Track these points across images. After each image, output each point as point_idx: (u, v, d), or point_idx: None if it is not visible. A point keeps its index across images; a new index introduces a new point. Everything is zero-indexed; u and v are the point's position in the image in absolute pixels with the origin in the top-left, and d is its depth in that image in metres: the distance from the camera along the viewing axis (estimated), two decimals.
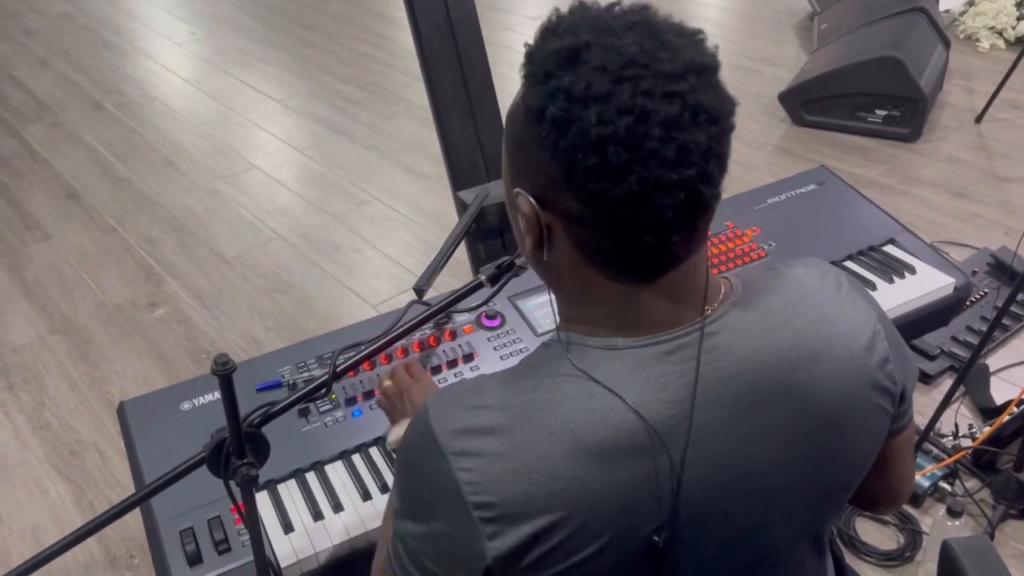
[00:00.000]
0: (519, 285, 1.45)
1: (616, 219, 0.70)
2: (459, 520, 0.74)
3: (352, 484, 1.21)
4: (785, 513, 0.81)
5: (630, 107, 0.67)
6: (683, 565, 0.78)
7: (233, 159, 3.70)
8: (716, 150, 0.70)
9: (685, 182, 0.69)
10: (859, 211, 1.75)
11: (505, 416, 0.74)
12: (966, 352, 2.25)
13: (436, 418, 0.76)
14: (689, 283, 0.76)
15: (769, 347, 0.77)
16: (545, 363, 0.78)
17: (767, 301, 0.80)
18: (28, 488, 2.12)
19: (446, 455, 0.74)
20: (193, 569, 1.09)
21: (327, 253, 3.01)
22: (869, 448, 0.84)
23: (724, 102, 0.72)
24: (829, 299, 0.81)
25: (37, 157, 3.74)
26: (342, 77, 4.46)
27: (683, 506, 0.75)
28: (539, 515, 0.72)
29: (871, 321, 0.82)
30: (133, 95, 4.35)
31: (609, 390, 0.73)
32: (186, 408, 1.29)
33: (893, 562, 1.82)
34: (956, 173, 3.31)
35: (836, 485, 0.83)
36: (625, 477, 0.72)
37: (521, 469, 0.72)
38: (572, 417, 0.72)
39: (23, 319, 2.72)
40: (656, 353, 0.75)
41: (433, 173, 3.45)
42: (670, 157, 0.68)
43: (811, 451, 0.78)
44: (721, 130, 0.71)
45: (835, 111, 3.59)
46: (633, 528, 0.74)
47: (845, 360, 0.78)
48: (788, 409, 0.76)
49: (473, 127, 1.61)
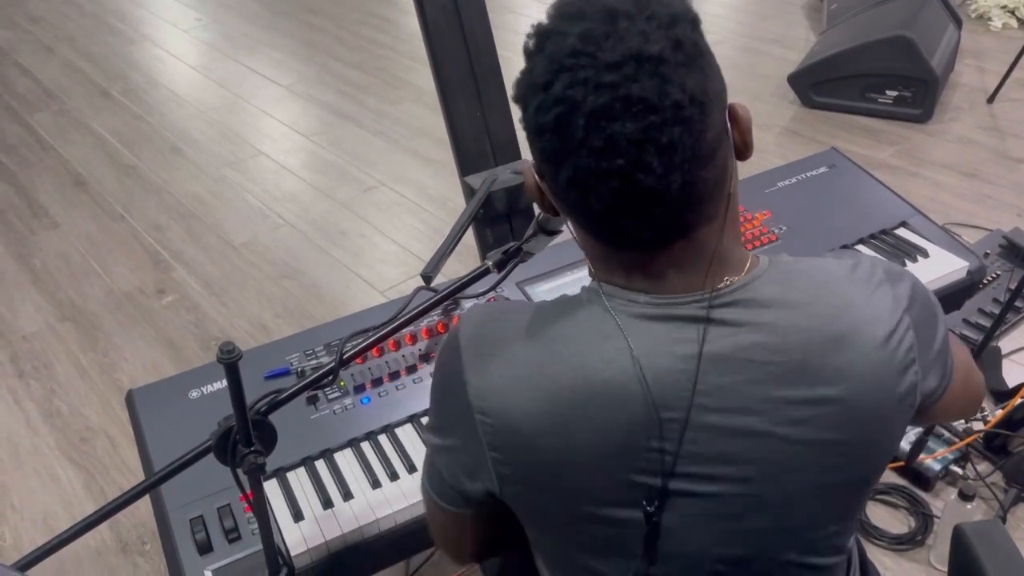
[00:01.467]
0: (527, 271, 1.45)
1: (571, 200, 0.74)
2: (466, 426, 0.79)
3: (361, 472, 1.21)
4: (792, 497, 0.79)
5: (562, 98, 0.70)
6: (679, 530, 0.79)
7: (240, 145, 3.69)
8: (656, 140, 0.68)
9: (615, 171, 0.70)
10: (871, 194, 1.73)
11: (524, 335, 0.78)
12: (978, 335, 2.23)
13: (464, 325, 0.82)
14: (694, 259, 0.77)
15: (784, 324, 0.76)
16: (573, 299, 0.81)
17: (790, 281, 0.79)
18: (39, 475, 2.13)
19: (463, 357, 0.80)
20: (203, 557, 1.09)
21: (334, 239, 3.01)
22: (890, 439, 0.83)
23: (671, 90, 0.68)
24: (856, 287, 0.80)
25: (44, 145, 3.74)
26: (348, 62, 4.44)
27: (676, 477, 0.76)
28: (536, 434, 0.76)
29: (898, 310, 0.80)
30: (139, 82, 4.34)
31: (624, 337, 0.75)
32: (194, 396, 1.29)
33: (904, 546, 1.81)
34: (968, 154, 3.27)
35: (851, 476, 0.82)
36: (625, 422, 0.75)
37: (527, 384, 0.76)
38: (583, 351, 0.76)
39: (32, 307, 2.73)
40: (670, 314, 0.76)
41: (440, 158, 3.43)
42: (598, 146, 0.69)
43: (823, 435, 0.77)
44: (663, 120, 0.68)
45: (845, 92, 3.55)
46: (628, 475, 0.76)
47: (866, 349, 0.77)
48: (798, 389, 0.76)
49: (480, 111, 1.59)
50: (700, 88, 0.70)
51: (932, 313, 0.86)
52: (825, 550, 0.86)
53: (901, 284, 0.83)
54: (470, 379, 0.79)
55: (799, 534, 0.83)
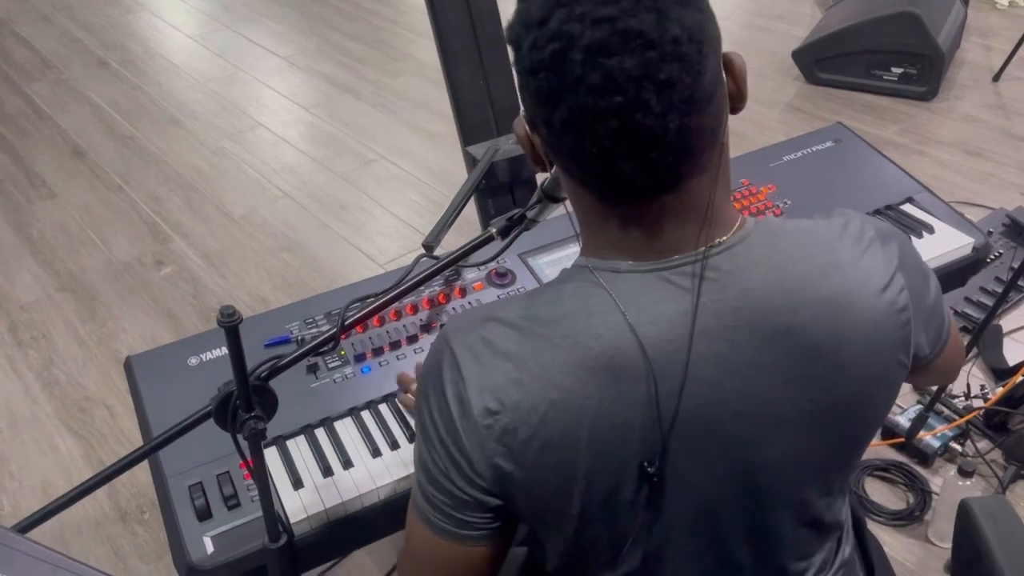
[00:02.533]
0: (530, 242, 1.43)
1: (564, 145, 0.72)
2: (469, 432, 0.76)
3: (362, 440, 1.21)
4: (784, 457, 0.79)
5: (558, 33, 0.68)
6: (675, 496, 0.78)
7: (239, 117, 3.66)
8: (655, 76, 0.67)
9: (614, 109, 0.68)
10: (877, 169, 1.72)
11: (513, 329, 0.77)
12: (979, 313, 2.22)
13: (452, 330, 0.80)
14: (686, 213, 0.75)
15: (772, 285, 0.75)
16: (555, 283, 0.80)
17: (778, 242, 0.78)
18: (38, 444, 2.13)
19: (459, 364, 0.77)
20: (203, 524, 1.09)
21: (334, 212, 2.99)
22: (882, 401, 0.83)
23: (669, 26, 0.67)
24: (845, 247, 0.79)
25: (42, 114, 3.71)
26: (348, 34, 4.39)
27: (676, 436, 0.75)
28: (537, 424, 0.74)
29: (889, 270, 0.80)
30: (137, 52, 4.30)
31: (618, 307, 0.74)
32: (193, 363, 1.28)
33: (902, 521, 1.81)
34: (972, 132, 3.25)
35: (845, 436, 0.82)
36: (619, 396, 0.74)
37: (523, 379, 0.74)
38: (571, 332, 0.74)
39: (30, 277, 2.71)
40: (656, 278, 0.75)
41: (440, 131, 3.41)
42: (595, 83, 0.67)
43: (814, 396, 0.77)
44: (661, 56, 0.67)
45: (850, 69, 3.52)
46: (625, 450, 0.75)
47: (857, 310, 0.77)
48: (788, 350, 0.75)
49: (483, 79, 1.57)
50: (698, 26, 0.69)
51: (923, 272, 0.85)
52: (818, 511, 0.86)
53: (891, 243, 0.83)
54: (470, 384, 0.76)
55: (791, 495, 0.83)
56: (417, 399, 0.84)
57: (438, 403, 0.80)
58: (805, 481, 0.83)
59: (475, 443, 0.77)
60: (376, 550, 1.81)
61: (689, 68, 0.69)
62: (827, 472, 0.84)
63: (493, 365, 0.76)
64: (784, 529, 0.85)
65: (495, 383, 0.75)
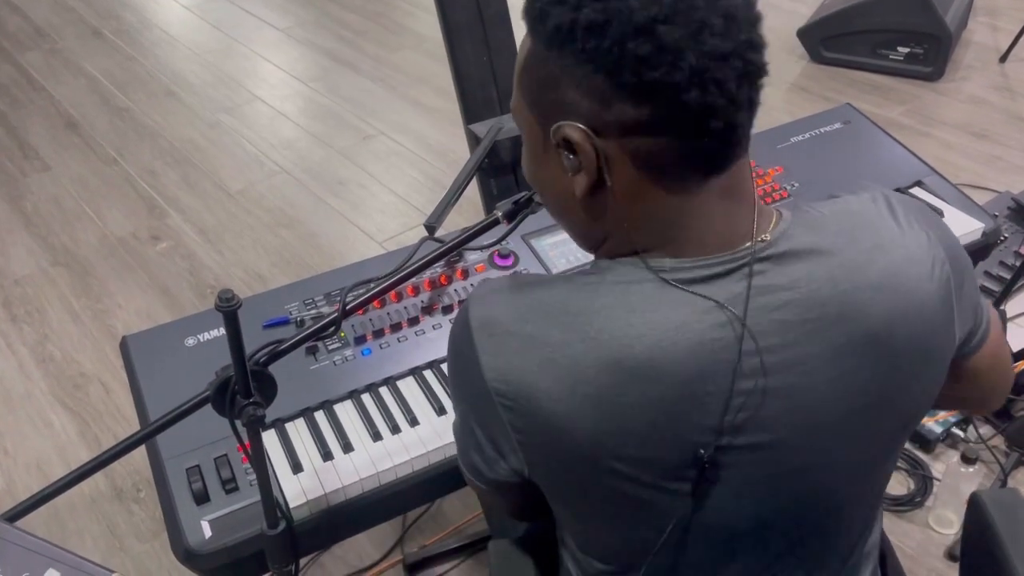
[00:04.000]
0: (533, 223, 1.41)
1: (682, 107, 0.67)
2: (487, 409, 0.76)
3: (362, 424, 1.19)
4: (839, 448, 0.78)
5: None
6: (723, 498, 0.76)
7: (236, 90, 3.61)
8: (754, 16, 0.70)
9: (738, 49, 0.68)
10: (886, 151, 1.69)
11: (539, 312, 0.74)
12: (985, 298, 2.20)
13: (474, 305, 0.78)
14: (739, 193, 0.74)
15: (820, 276, 0.73)
16: (589, 273, 0.77)
17: (819, 230, 0.76)
18: (33, 421, 2.11)
19: (475, 340, 0.75)
20: (200, 507, 1.07)
21: (332, 188, 2.95)
22: (933, 382, 0.81)
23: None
24: (884, 224, 0.78)
25: (35, 85, 3.65)
26: (347, 6, 4.33)
27: (727, 436, 0.73)
28: (563, 417, 0.72)
29: (929, 245, 0.78)
30: (132, 22, 4.23)
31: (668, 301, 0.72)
32: (190, 344, 1.26)
33: (903, 507, 1.81)
34: (978, 114, 3.22)
35: (897, 420, 0.80)
36: (662, 397, 0.71)
37: (548, 366, 0.72)
38: (607, 328, 0.71)
39: (24, 250, 2.68)
40: (703, 276, 0.73)
41: (440, 107, 3.37)
42: (719, 26, 0.67)
43: (868, 384, 0.75)
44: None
45: (856, 48, 3.48)
46: (665, 451, 0.73)
47: (906, 291, 0.75)
48: (838, 342, 0.73)
49: (487, 56, 1.54)
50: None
51: (956, 242, 0.83)
52: (866, 502, 0.86)
53: (923, 215, 0.81)
54: (485, 362, 0.74)
55: (841, 487, 0.82)
56: (448, 367, 0.86)
57: (457, 378, 0.81)
58: (857, 474, 0.82)
59: (493, 424, 0.77)
60: (375, 531, 1.80)
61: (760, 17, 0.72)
62: (877, 463, 0.83)
63: (513, 348, 0.74)
64: (825, 528, 0.84)
65: (513, 366, 0.73)
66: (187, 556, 1.05)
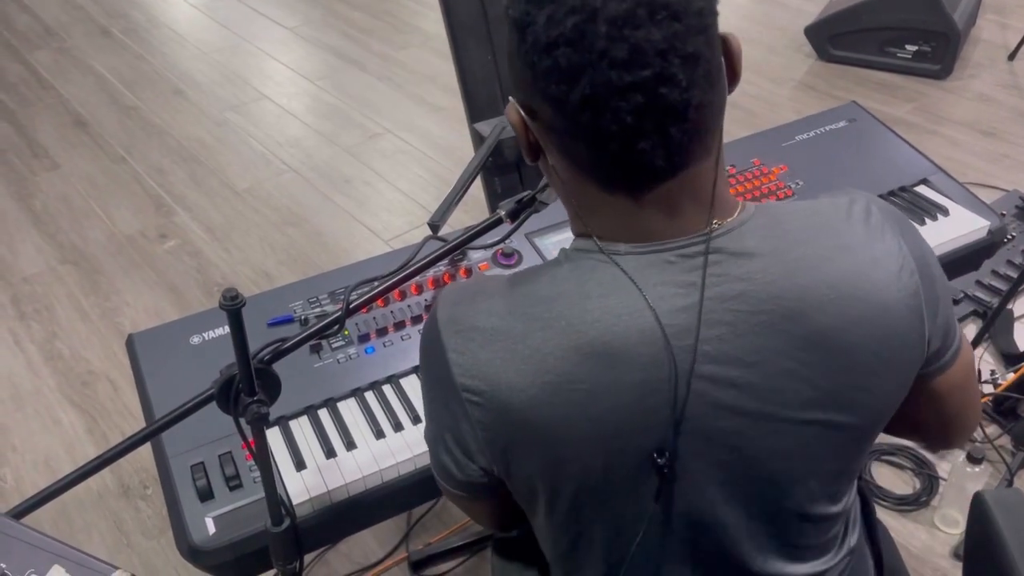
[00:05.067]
0: (536, 222, 1.41)
1: (580, 125, 0.69)
2: (455, 405, 0.76)
3: (365, 422, 1.19)
4: (787, 446, 0.77)
5: (579, 6, 0.65)
6: (683, 486, 0.76)
7: (243, 88, 3.62)
8: (681, 49, 0.66)
9: (640, 84, 0.65)
10: (891, 150, 1.68)
11: (502, 306, 0.75)
12: (990, 296, 2.20)
13: (441, 306, 0.79)
14: (689, 198, 0.73)
15: (776, 268, 0.73)
16: (550, 264, 0.78)
17: (781, 224, 0.76)
18: (41, 417, 2.12)
19: (443, 340, 0.76)
20: (204, 504, 1.08)
21: (339, 186, 2.96)
22: (891, 391, 0.79)
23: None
24: (853, 228, 0.77)
25: (44, 83, 3.67)
26: (354, 4, 4.33)
27: (684, 424, 0.73)
28: (525, 406, 0.72)
29: (900, 253, 0.77)
30: (140, 20, 4.25)
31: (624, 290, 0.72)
32: (196, 342, 1.26)
33: (909, 507, 1.80)
34: (986, 112, 3.20)
35: (849, 427, 0.78)
36: (615, 382, 0.71)
37: (511, 358, 0.73)
38: (565, 314, 0.72)
39: (33, 248, 2.70)
40: (657, 261, 0.73)
41: (446, 105, 3.37)
42: (621, 57, 0.65)
43: (819, 383, 0.74)
44: (687, 28, 0.66)
45: (864, 46, 3.46)
46: (624, 439, 0.73)
47: (865, 293, 0.74)
48: (792, 336, 0.72)
49: (491, 55, 1.54)
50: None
51: (930, 255, 0.82)
52: (822, 502, 0.84)
53: (897, 224, 0.80)
54: (453, 359, 0.75)
55: (793, 485, 0.81)
56: (419, 365, 0.86)
57: (427, 377, 0.82)
58: (809, 471, 0.80)
59: (462, 421, 0.77)
60: (380, 528, 1.80)
61: (710, 41, 0.68)
62: (832, 463, 0.82)
63: (478, 343, 0.74)
64: (786, 519, 0.83)
65: (479, 361, 0.74)
66: (191, 553, 1.05)
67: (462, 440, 0.79)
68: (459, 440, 0.80)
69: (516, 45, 0.70)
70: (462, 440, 0.79)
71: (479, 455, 0.79)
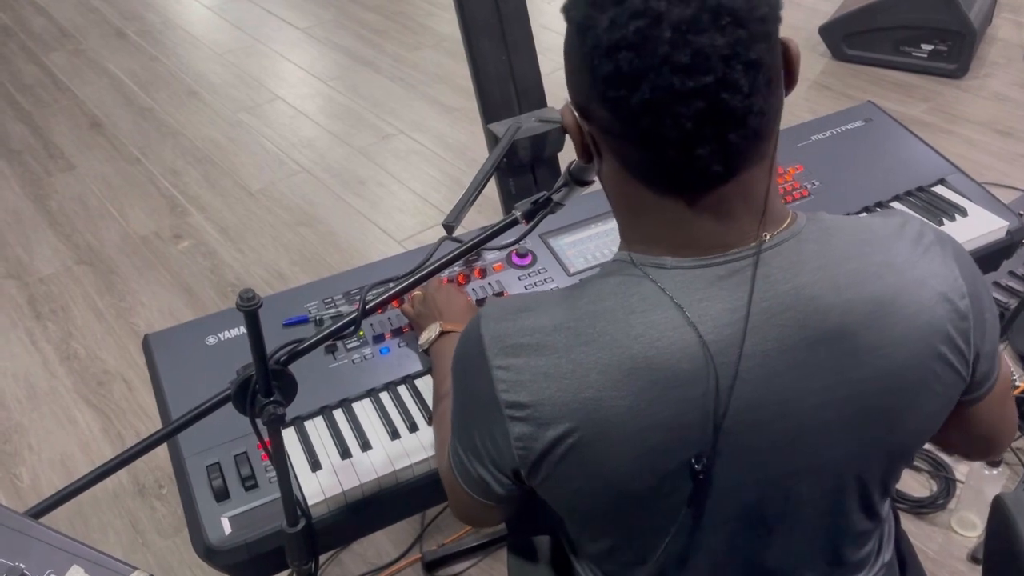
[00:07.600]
0: (551, 223, 1.40)
1: (638, 130, 0.68)
2: (495, 421, 0.76)
3: (380, 422, 1.19)
4: (826, 462, 0.76)
5: (642, 10, 0.64)
6: (717, 497, 0.76)
7: (257, 90, 3.63)
8: (744, 55, 0.65)
9: (702, 90, 0.64)
10: (908, 149, 1.67)
11: (547, 321, 0.74)
12: (1008, 298, 2.18)
13: (485, 322, 0.78)
14: (742, 203, 0.72)
15: (824, 283, 0.72)
16: (597, 277, 0.77)
17: (831, 239, 0.75)
18: (57, 417, 2.14)
19: (487, 356, 0.75)
20: (220, 504, 1.08)
21: (352, 187, 2.97)
22: (932, 413, 0.79)
23: (757, 4, 0.66)
24: (903, 247, 0.76)
25: (60, 85, 3.70)
26: (367, 5, 4.34)
27: (723, 437, 0.72)
28: (566, 421, 0.72)
29: (949, 275, 0.76)
30: (155, 22, 4.27)
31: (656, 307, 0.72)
32: (211, 343, 1.27)
33: (925, 509, 1.79)
34: (1003, 111, 3.18)
35: (888, 447, 0.78)
36: (659, 397, 0.71)
37: (554, 373, 0.72)
38: (608, 330, 0.72)
39: (49, 249, 2.72)
40: (703, 276, 0.72)
41: (459, 106, 3.37)
42: (683, 63, 0.64)
43: (859, 403, 0.74)
44: (750, 35, 0.65)
45: (879, 45, 3.44)
46: (665, 452, 0.73)
47: (911, 312, 0.73)
48: (836, 351, 0.72)
49: (505, 55, 1.54)
50: (779, 4, 0.68)
51: (982, 282, 0.80)
52: (857, 517, 0.83)
53: (951, 248, 0.79)
54: (498, 376, 0.75)
55: (830, 500, 0.80)
56: (453, 379, 0.85)
57: (465, 393, 0.80)
58: (845, 487, 0.80)
59: (501, 436, 0.76)
60: (394, 529, 1.81)
61: (772, 48, 0.68)
62: (869, 479, 0.81)
63: (522, 358, 0.74)
64: (820, 533, 0.83)
65: (523, 377, 0.73)
66: (207, 552, 1.06)
67: (498, 453, 0.78)
68: (496, 452, 0.79)
69: (576, 48, 0.70)
70: (498, 453, 0.78)
71: (515, 470, 0.78)
